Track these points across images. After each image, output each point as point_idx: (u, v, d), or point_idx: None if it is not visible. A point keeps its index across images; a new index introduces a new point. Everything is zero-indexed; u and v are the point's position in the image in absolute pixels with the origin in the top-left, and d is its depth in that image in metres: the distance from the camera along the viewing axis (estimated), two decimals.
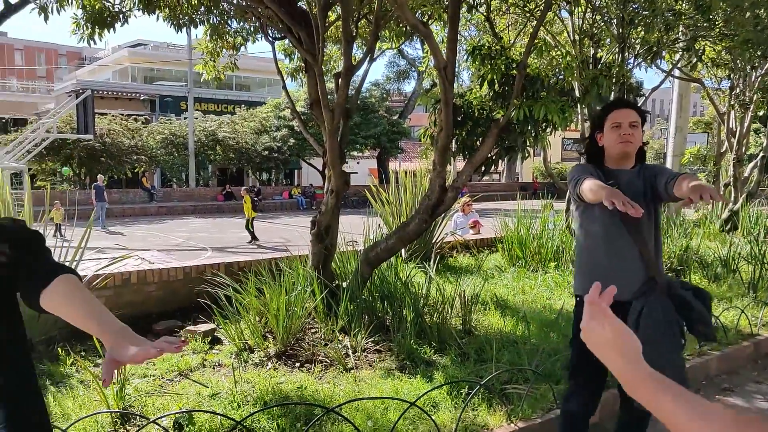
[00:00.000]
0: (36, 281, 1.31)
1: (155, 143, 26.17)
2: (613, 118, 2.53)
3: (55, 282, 1.30)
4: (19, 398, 1.39)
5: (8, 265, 1.32)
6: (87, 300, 1.29)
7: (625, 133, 2.50)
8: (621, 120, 2.51)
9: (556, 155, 41.07)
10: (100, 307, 1.29)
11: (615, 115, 2.53)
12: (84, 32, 5.39)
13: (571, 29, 6.60)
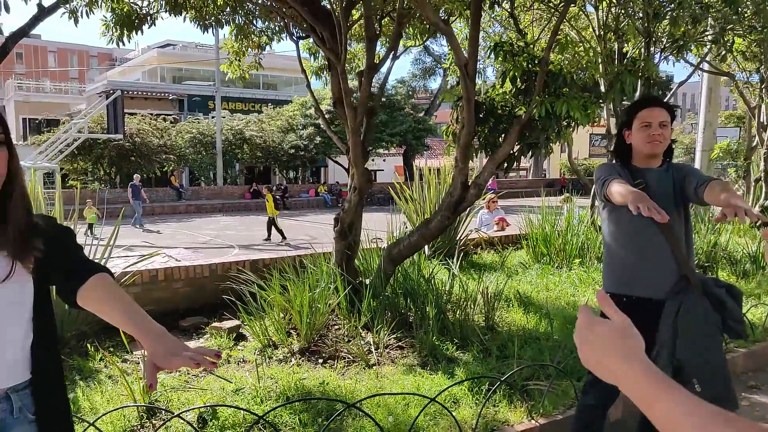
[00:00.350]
0: (72, 279, 1.38)
1: (183, 142, 26.59)
2: (643, 117, 2.50)
3: (90, 281, 1.37)
4: (49, 390, 1.46)
5: (42, 260, 1.39)
6: (123, 300, 1.35)
7: (655, 133, 2.48)
8: (651, 120, 2.48)
9: (583, 151, 40.51)
10: (136, 308, 1.35)
11: (645, 114, 2.50)
12: (113, 34, 5.52)
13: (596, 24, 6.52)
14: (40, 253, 1.39)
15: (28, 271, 1.38)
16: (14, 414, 1.40)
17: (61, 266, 1.41)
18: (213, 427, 3.04)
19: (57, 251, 1.42)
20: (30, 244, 1.37)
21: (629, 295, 2.52)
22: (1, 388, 1.38)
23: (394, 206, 7.46)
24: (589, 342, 0.84)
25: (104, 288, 1.37)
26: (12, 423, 1.40)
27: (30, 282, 1.39)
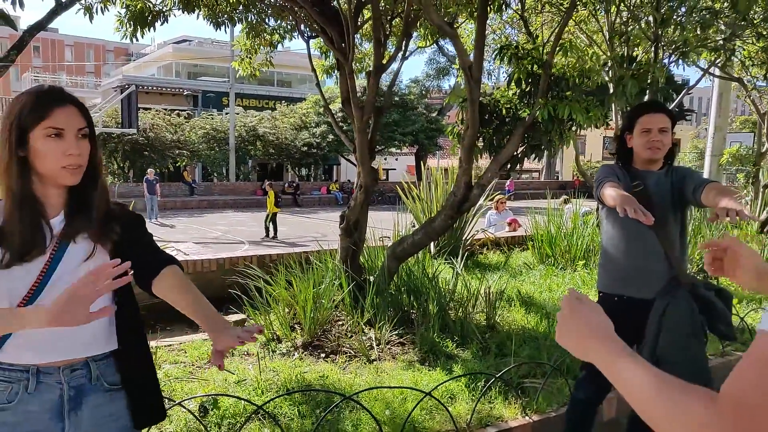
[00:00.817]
0: (148, 269, 1.54)
1: (197, 138, 26.82)
2: (643, 123, 2.56)
3: (164, 272, 1.53)
4: (134, 361, 1.62)
5: (118, 243, 1.54)
6: (192, 292, 1.52)
7: (654, 140, 2.54)
8: (651, 125, 2.54)
9: (597, 154, 40.33)
10: (203, 301, 1.51)
11: (645, 120, 2.56)
12: (127, 30, 5.63)
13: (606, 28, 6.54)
14: (118, 236, 1.54)
15: (107, 252, 1.53)
16: (92, 381, 1.53)
17: (135, 254, 1.52)
18: (214, 416, 3.13)
19: (131, 235, 1.57)
20: (109, 228, 1.52)
21: (621, 294, 2.57)
22: (82, 357, 1.52)
23: (401, 205, 7.54)
24: (568, 320, 0.94)
25: (175, 280, 1.53)
26: (89, 389, 1.53)
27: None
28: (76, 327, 1.40)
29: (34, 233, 1.42)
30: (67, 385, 1.48)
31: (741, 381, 0.73)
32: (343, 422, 3.07)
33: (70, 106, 1.44)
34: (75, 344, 1.49)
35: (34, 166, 1.43)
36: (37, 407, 1.45)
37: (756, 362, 0.73)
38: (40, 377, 1.46)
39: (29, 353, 1.45)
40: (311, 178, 33.27)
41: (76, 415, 1.49)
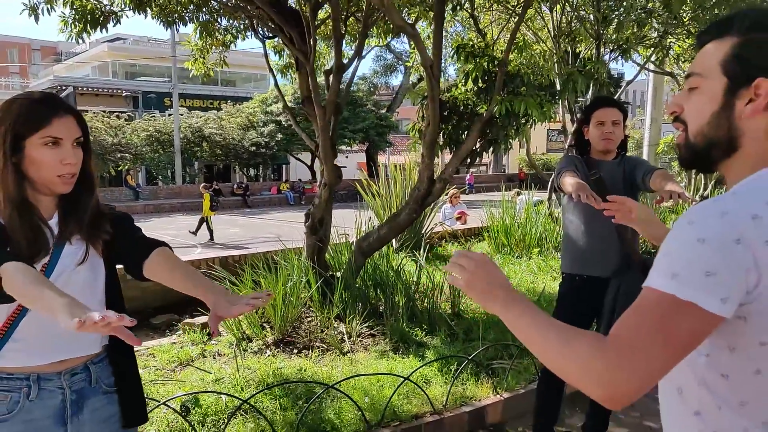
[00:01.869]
0: (137, 254, 1.55)
1: (139, 140, 26.04)
2: (598, 117, 2.80)
3: (154, 254, 1.54)
4: (124, 361, 1.66)
5: (109, 242, 1.58)
6: (184, 268, 1.52)
7: (608, 131, 2.79)
8: (604, 118, 2.79)
9: (541, 146, 41.47)
10: (197, 274, 1.51)
11: (599, 113, 2.80)
12: (72, 30, 5.49)
13: (551, 26, 6.85)
14: (108, 236, 1.58)
15: (99, 254, 1.57)
16: (92, 384, 1.57)
17: (125, 245, 1.59)
18: (196, 414, 3.17)
19: (121, 233, 1.60)
20: (100, 228, 1.56)
21: (581, 274, 2.80)
22: (81, 357, 1.55)
23: (360, 202, 7.65)
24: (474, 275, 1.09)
25: (167, 259, 1.53)
26: (89, 392, 1.57)
27: (101, 263, 1.59)
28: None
29: (37, 235, 1.45)
30: (69, 389, 1.51)
31: (624, 324, 0.89)
32: (325, 411, 3.17)
33: (68, 115, 1.47)
34: (73, 344, 1.52)
35: (26, 173, 1.45)
36: (39, 414, 1.47)
37: (636, 309, 0.89)
38: (42, 384, 1.48)
39: (29, 357, 1.47)
40: (260, 178, 32.89)
41: (78, 419, 1.53)
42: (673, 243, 0.90)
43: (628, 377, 0.85)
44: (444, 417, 3.23)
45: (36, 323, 1.47)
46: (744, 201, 0.89)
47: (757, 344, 0.89)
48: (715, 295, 0.84)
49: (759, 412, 0.92)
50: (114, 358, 1.63)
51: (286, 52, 6.49)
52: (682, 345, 0.86)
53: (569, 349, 0.90)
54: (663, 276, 0.87)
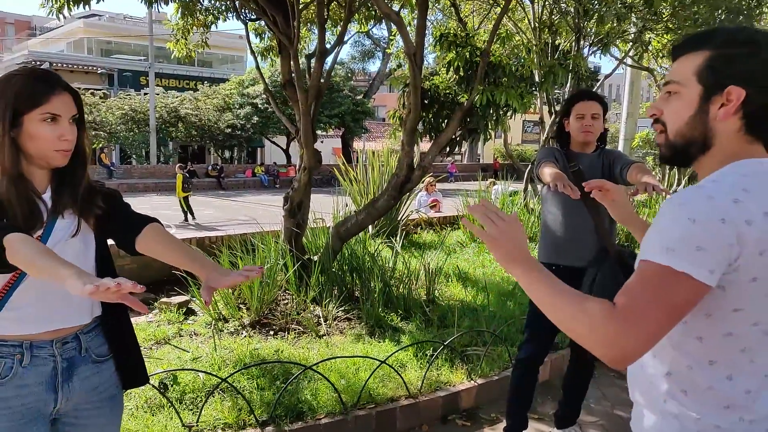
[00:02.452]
0: (130, 229, 1.60)
1: (114, 119, 25.58)
2: (578, 110, 2.86)
3: (146, 230, 1.58)
4: (117, 328, 1.71)
5: (102, 217, 1.62)
6: (177, 243, 1.58)
7: (587, 125, 2.85)
8: (584, 112, 2.85)
9: (517, 137, 41.80)
10: (189, 248, 1.56)
11: (579, 107, 2.86)
12: (54, 5, 5.38)
13: (531, 17, 6.91)
14: (100, 210, 1.61)
15: (90, 227, 1.61)
16: (81, 353, 1.62)
17: (116, 221, 1.63)
18: (174, 391, 3.20)
19: (112, 208, 1.64)
20: (92, 202, 1.60)
21: (557, 264, 2.87)
22: (73, 327, 1.60)
23: (334, 188, 7.68)
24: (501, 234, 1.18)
25: (159, 235, 1.58)
26: (79, 361, 1.61)
27: (92, 237, 1.63)
28: (65, 296, 1.49)
29: (32, 208, 1.49)
30: (60, 357, 1.56)
31: (628, 293, 1.02)
32: (302, 392, 3.22)
33: (65, 93, 1.51)
34: (65, 313, 1.57)
35: (23, 147, 1.48)
36: (31, 380, 1.52)
37: (638, 279, 1.03)
38: (34, 351, 1.52)
39: (23, 325, 1.51)
40: (235, 160, 32.57)
41: (68, 387, 1.58)
42: (666, 221, 1.03)
43: (633, 339, 0.99)
44: (419, 401, 3.31)
45: (30, 293, 1.51)
46: (725, 187, 1.04)
47: (731, 310, 1.05)
48: (704, 266, 0.99)
49: (724, 368, 1.09)
50: (109, 325, 1.68)
51: (267, 34, 6.45)
52: (678, 310, 1.01)
53: (582, 313, 1.03)
54: (659, 250, 1.01)
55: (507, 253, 1.17)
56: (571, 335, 1.06)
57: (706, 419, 1.10)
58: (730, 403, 1.09)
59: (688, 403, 1.11)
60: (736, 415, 1.09)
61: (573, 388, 3.16)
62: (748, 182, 1.05)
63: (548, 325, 2.94)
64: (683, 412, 1.11)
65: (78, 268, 1.24)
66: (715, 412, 1.09)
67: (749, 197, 1.01)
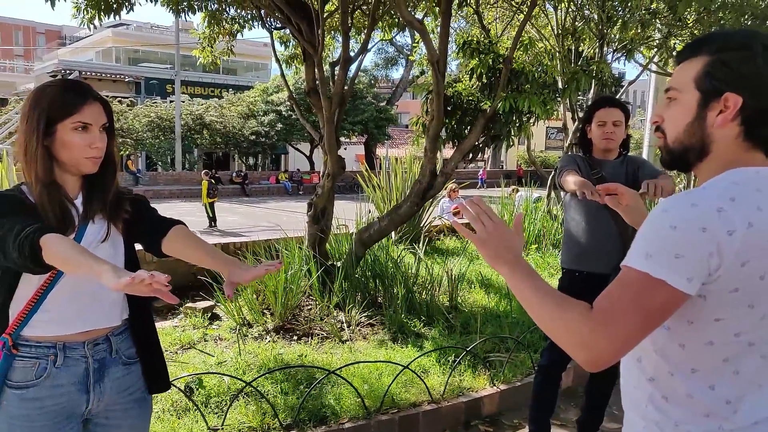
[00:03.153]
0: (156, 232, 1.66)
1: (141, 126, 26.05)
2: (600, 117, 2.86)
3: (171, 232, 1.65)
4: (144, 331, 1.76)
5: (130, 222, 1.68)
6: (201, 243, 1.64)
7: (609, 131, 2.84)
8: (606, 119, 2.84)
9: (540, 144, 41.49)
10: (212, 248, 1.62)
11: (601, 114, 2.86)
12: (85, 16, 5.54)
13: (555, 24, 6.89)
14: (128, 215, 1.68)
15: (119, 232, 1.67)
16: (112, 355, 1.67)
17: (143, 224, 1.69)
18: (199, 395, 3.25)
19: (139, 214, 1.71)
20: (121, 208, 1.67)
21: (581, 270, 2.86)
22: (103, 328, 1.65)
23: (359, 194, 7.72)
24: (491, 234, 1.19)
25: (184, 236, 1.65)
26: (110, 363, 1.67)
27: (121, 241, 1.68)
28: (97, 299, 1.58)
29: (65, 213, 1.55)
30: (92, 358, 1.61)
31: (606, 297, 1.03)
32: (325, 397, 3.25)
33: (96, 102, 1.58)
34: (97, 315, 1.62)
35: (56, 155, 1.55)
36: (64, 381, 1.57)
37: (617, 284, 1.03)
38: (67, 352, 1.58)
39: (57, 326, 1.57)
40: (259, 167, 32.90)
41: (100, 388, 1.63)
42: (649, 227, 1.04)
43: (608, 342, 1.00)
44: (441, 406, 3.31)
45: (63, 294, 1.56)
46: (711, 195, 1.02)
47: (712, 320, 1.04)
48: (682, 274, 0.98)
49: (705, 377, 1.08)
50: (136, 329, 1.73)
51: (291, 42, 6.54)
52: (654, 316, 1.01)
53: (561, 313, 1.05)
54: (639, 256, 1.02)
55: (494, 253, 1.18)
56: (551, 336, 1.08)
57: (684, 426, 1.09)
58: (710, 411, 1.08)
59: (668, 410, 1.11)
60: (715, 423, 1.08)
61: (596, 394, 3.13)
62: (737, 191, 1.03)
63: None
64: (662, 418, 1.12)
65: (113, 264, 1.30)
66: (694, 420, 1.09)
67: (734, 207, 0.99)
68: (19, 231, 1.38)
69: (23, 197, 1.55)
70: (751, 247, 0.99)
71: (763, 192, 1.04)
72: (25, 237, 1.36)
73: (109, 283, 1.23)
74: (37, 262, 1.36)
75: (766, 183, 1.06)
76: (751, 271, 1.00)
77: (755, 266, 1.00)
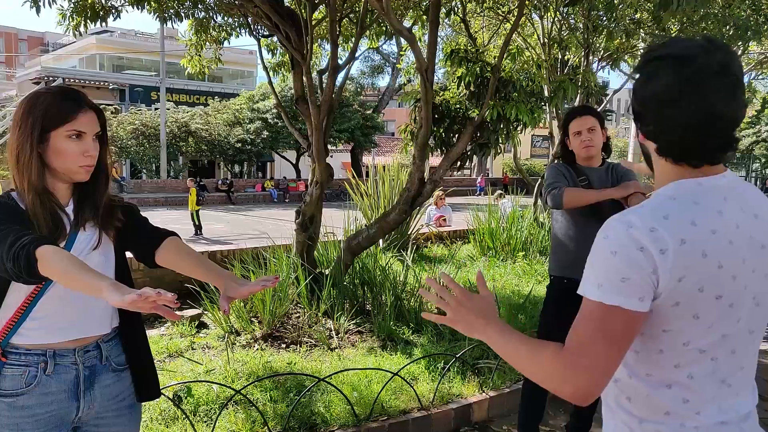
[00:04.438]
0: (150, 242, 1.66)
1: (125, 134, 25.88)
2: (574, 127, 2.92)
3: (165, 243, 1.65)
4: (134, 339, 1.75)
5: (121, 230, 1.67)
6: (196, 256, 1.63)
7: (585, 139, 2.90)
8: (580, 128, 2.90)
9: (525, 152, 41.82)
10: (207, 260, 1.62)
11: (575, 124, 2.92)
12: (70, 23, 5.51)
13: (541, 33, 6.97)
14: (120, 223, 1.67)
15: (111, 239, 1.66)
16: (102, 362, 1.66)
17: (136, 234, 1.68)
18: (188, 403, 3.22)
19: (131, 222, 1.70)
20: (113, 216, 1.66)
21: (569, 277, 2.89)
22: (93, 336, 1.64)
23: (346, 202, 7.72)
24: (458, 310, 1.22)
25: (179, 247, 1.65)
26: (100, 369, 1.66)
27: (112, 250, 1.67)
28: (87, 306, 1.57)
29: (56, 221, 1.54)
30: (82, 365, 1.60)
31: (573, 332, 1.07)
32: (315, 404, 3.24)
33: (91, 111, 1.57)
34: (87, 322, 1.61)
35: (48, 162, 1.53)
36: (55, 388, 1.55)
37: (580, 317, 1.07)
38: (57, 359, 1.56)
39: (47, 334, 1.55)
40: (244, 175, 32.78)
41: (90, 395, 1.62)
42: (595, 256, 1.09)
43: (587, 375, 1.04)
44: (431, 413, 3.31)
45: (53, 302, 1.55)
46: (645, 216, 1.06)
47: (660, 331, 1.09)
48: (633, 295, 1.03)
49: (660, 380, 1.12)
50: (126, 336, 1.72)
51: (279, 50, 6.55)
52: (621, 340, 1.05)
53: (537, 358, 1.09)
54: (592, 286, 1.06)
55: (467, 327, 1.21)
56: (537, 381, 1.11)
57: (648, 424, 1.13)
58: (669, 410, 1.12)
59: (632, 409, 1.15)
60: (677, 421, 1.11)
61: None
62: (671, 207, 1.06)
63: (559, 338, 2.99)
64: (629, 417, 1.16)
65: (112, 280, 1.29)
66: (656, 417, 1.13)
67: (666, 225, 1.03)
68: (14, 241, 1.36)
69: (15, 204, 1.53)
70: (686, 263, 1.02)
71: (700, 205, 1.07)
72: (20, 247, 1.34)
73: (111, 301, 1.22)
74: (32, 274, 1.35)
75: (705, 195, 1.09)
76: (689, 285, 1.03)
77: (693, 280, 1.03)
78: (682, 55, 1.06)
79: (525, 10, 6.38)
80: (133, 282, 1.73)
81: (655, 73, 1.08)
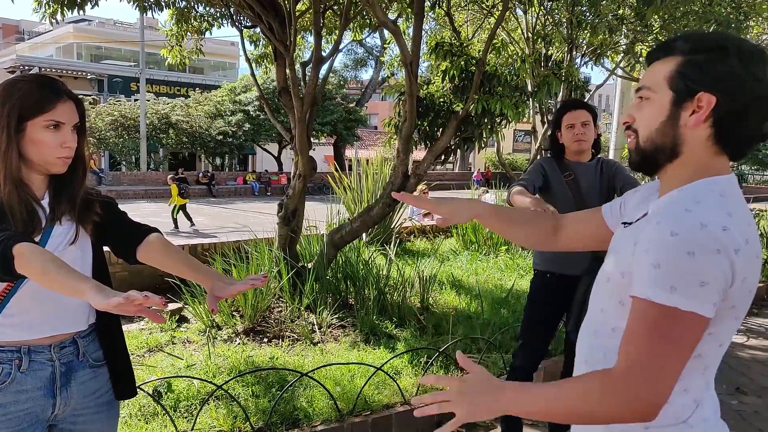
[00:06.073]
0: (131, 239, 1.61)
1: (104, 125, 25.45)
2: (568, 120, 2.89)
3: (147, 240, 1.60)
4: (111, 334, 1.71)
5: (99, 225, 1.62)
6: (180, 253, 1.58)
7: (578, 133, 2.87)
8: (574, 121, 2.88)
9: (508, 146, 42.04)
10: (192, 259, 1.57)
11: (568, 117, 2.89)
12: (46, 11, 5.37)
13: (524, 27, 6.98)
14: (98, 218, 1.61)
15: (88, 234, 1.61)
16: (79, 358, 1.62)
17: (115, 229, 1.63)
18: (168, 399, 3.18)
19: (109, 217, 1.65)
20: (90, 210, 1.60)
21: (553, 272, 2.89)
22: (69, 332, 1.59)
23: (326, 195, 7.69)
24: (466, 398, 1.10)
25: (161, 245, 1.60)
26: (77, 365, 1.62)
27: (89, 244, 1.63)
28: (62, 303, 1.52)
29: (31, 214, 1.49)
30: (58, 361, 1.56)
31: (630, 345, 0.99)
32: (297, 399, 3.21)
33: (69, 101, 1.52)
34: (62, 319, 1.57)
35: (24, 153, 1.48)
36: (30, 385, 1.51)
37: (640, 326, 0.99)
38: (32, 356, 1.52)
39: (20, 331, 1.51)
40: (226, 167, 32.49)
41: (66, 391, 1.57)
42: (662, 254, 0.97)
43: (653, 387, 0.97)
44: (414, 407, 3.30)
45: (27, 299, 1.50)
46: (713, 212, 0.99)
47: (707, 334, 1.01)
48: (709, 301, 0.96)
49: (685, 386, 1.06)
50: (102, 333, 1.68)
51: (261, 42, 6.47)
52: (687, 348, 0.98)
53: (583, 392, 1.00)
54: (660, 290, 0.96)
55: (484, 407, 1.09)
56: (589, 419, 1.02)
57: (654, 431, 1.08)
58: (681, 415, 1.08)
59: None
60: (686, 424, 1.09)
61: None
62: (729, 205, 1.01)
63: (542, 333, 2.99)
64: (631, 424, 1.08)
65: (95, 282, 1.25)
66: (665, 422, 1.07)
67: (734, 224, 0.98)
68: None
69: None
70: (747, 263, 0.98)
71: (741, 202, 1.04)
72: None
73: (95, 304, 1.18)
74: (8, 272, 1.30)
75: (739, 192, 1.06)
76: (747, 286, 1.00)
77: (749, 281, 1.00)
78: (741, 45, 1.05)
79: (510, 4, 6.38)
80: (110, 277, 1.69)
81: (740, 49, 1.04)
